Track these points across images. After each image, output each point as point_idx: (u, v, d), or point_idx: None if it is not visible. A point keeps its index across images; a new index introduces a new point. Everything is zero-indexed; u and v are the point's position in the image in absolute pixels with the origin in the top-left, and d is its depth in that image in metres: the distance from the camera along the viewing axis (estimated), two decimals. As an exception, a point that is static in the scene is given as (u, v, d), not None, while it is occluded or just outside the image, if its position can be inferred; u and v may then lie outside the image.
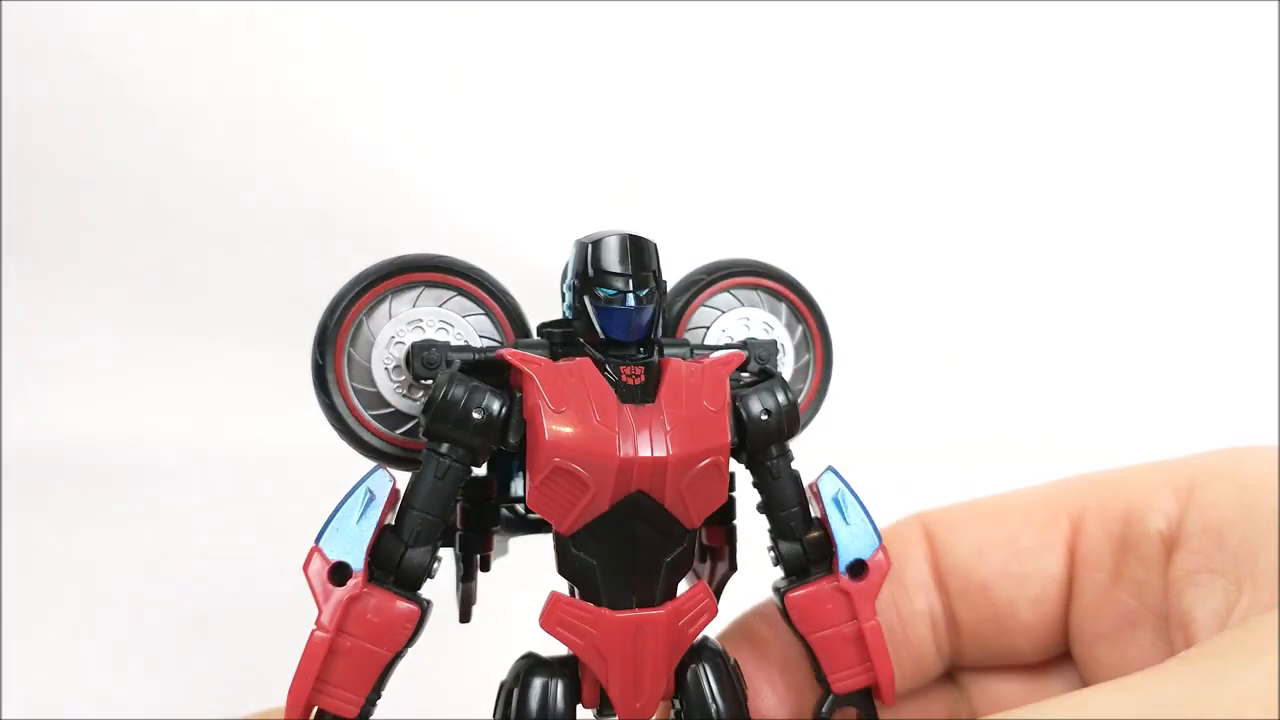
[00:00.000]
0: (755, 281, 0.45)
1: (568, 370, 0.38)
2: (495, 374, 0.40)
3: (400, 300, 0.42)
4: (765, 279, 0.45)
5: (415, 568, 0.38)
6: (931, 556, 0.46)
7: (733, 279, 0.45)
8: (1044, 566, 0.45)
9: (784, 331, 0.45)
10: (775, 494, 0.41)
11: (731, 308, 0.45)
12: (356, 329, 0.41)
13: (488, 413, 0.38)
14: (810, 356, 0.46)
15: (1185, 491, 0.41)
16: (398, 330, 0.42)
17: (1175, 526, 0.41)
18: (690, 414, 0.37)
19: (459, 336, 0.42)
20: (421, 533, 0.38)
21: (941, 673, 0.47)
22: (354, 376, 0.41)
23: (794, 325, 0.45)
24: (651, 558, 0.38)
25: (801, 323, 0.46)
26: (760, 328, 0.45)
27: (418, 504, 0.38)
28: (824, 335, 0.46)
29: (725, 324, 0.45)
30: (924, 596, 0.46)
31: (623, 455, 0.36)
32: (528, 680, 0.39)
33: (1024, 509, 0.46)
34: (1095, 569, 0.44)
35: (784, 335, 0.45)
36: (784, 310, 0.45)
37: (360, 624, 0.37)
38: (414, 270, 0.41)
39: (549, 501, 0.37)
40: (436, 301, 0.42)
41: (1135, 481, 0.44)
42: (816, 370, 0.46)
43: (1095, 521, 0.44)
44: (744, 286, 0.45)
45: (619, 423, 0.37)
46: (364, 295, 0.41)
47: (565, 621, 0.38)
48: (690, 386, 0.38)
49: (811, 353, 0.46)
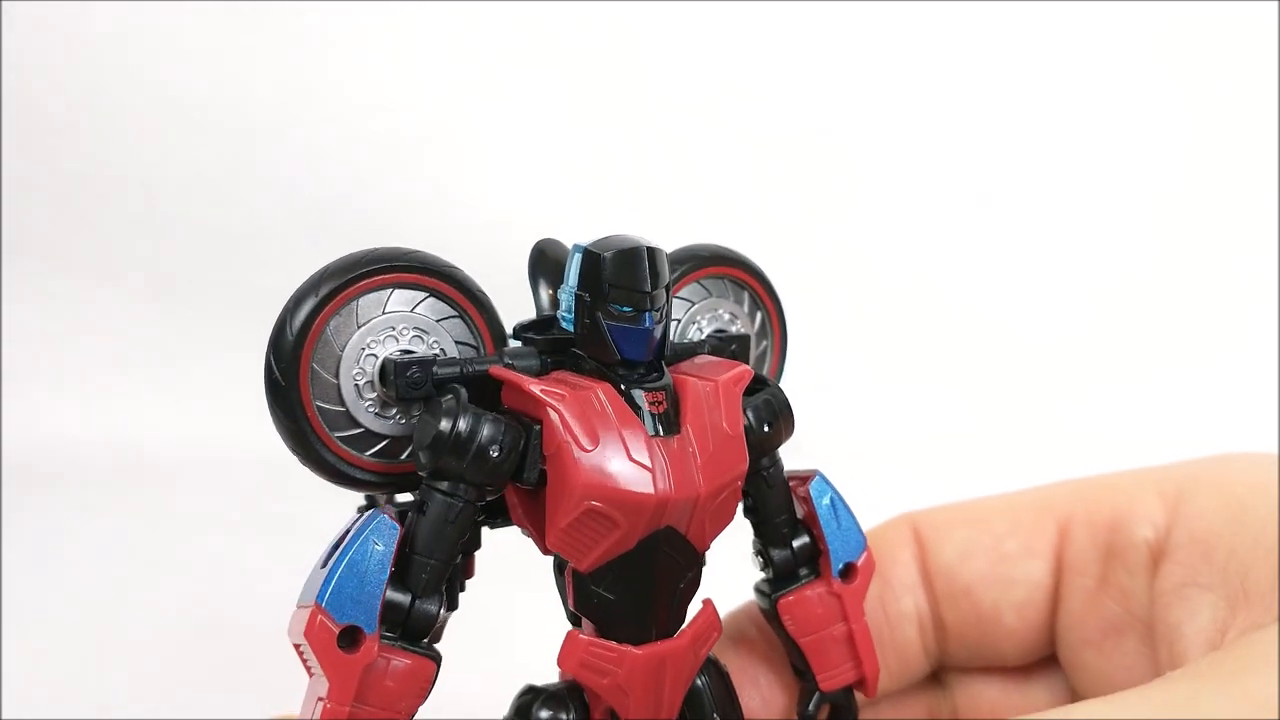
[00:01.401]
0: (721, 270, 0.44)
1: (590, 400, 0.35)
2: (478, 389, 0.36)
3: (367, 303, 0.36)
4: (729, 268, 0.44)
5: (425, 619, 0.35)
6: (920, 558, 0.46)
7: (701, 270, 0.43)
8: (1029, 572, 0.45)
9: (746, 319, 0.45)
10: (768, 502, 0.41)
11: (701, 299, 0.44)
12: (321, 339, 0.36)
13: (505, 449, 0.35)
14: (768, 343, 0.45)
15: (1173, 500, 0.41)
16: (367, 341, 0.37)
17: (1163, 536, 0.41)
18: (716, 443, 0.36)
19: (435, 345, 0.38)
20: (430, 581, 0.35)
21: (928, 673, 0.47)
22: (318, 394, 0.36)
23: (754, 312, 0.45)
24: (669, 588, 0.37)
25: (761, 309, 0.45)
26: (727, 318, 0.44)
27: (422, 549, 0.35)
28: (783, 322, 0.45)
29: (696, 316, 0.43)
30: (911, 598, 0.46)
31: (658, 494, 0.35)
32: (536, 717, 0.38)
33: (1011, 513, 0.46)
34: (1081, 575, 0.44)
35: (746, 324, 0.45)
36: (746, 297, 0.45)
37: (378, 692, 0.34)
38: (382, 269, 0.36)
39: (573, 542, 0.35)
40: (408, 304, 0.37)
41: (1123, 488, 0.43)
42: (774, 357, 0.45)
43: (1082, 528, 0.44)
44: (712, 276, 0.44)
45: (653, 458, 0.35)
46: (330, 300, 0.36)
47: (588, 662, 0.36)
48: (711, 412, 0.37)
49: (770, 339, 0.45)
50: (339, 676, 0.33)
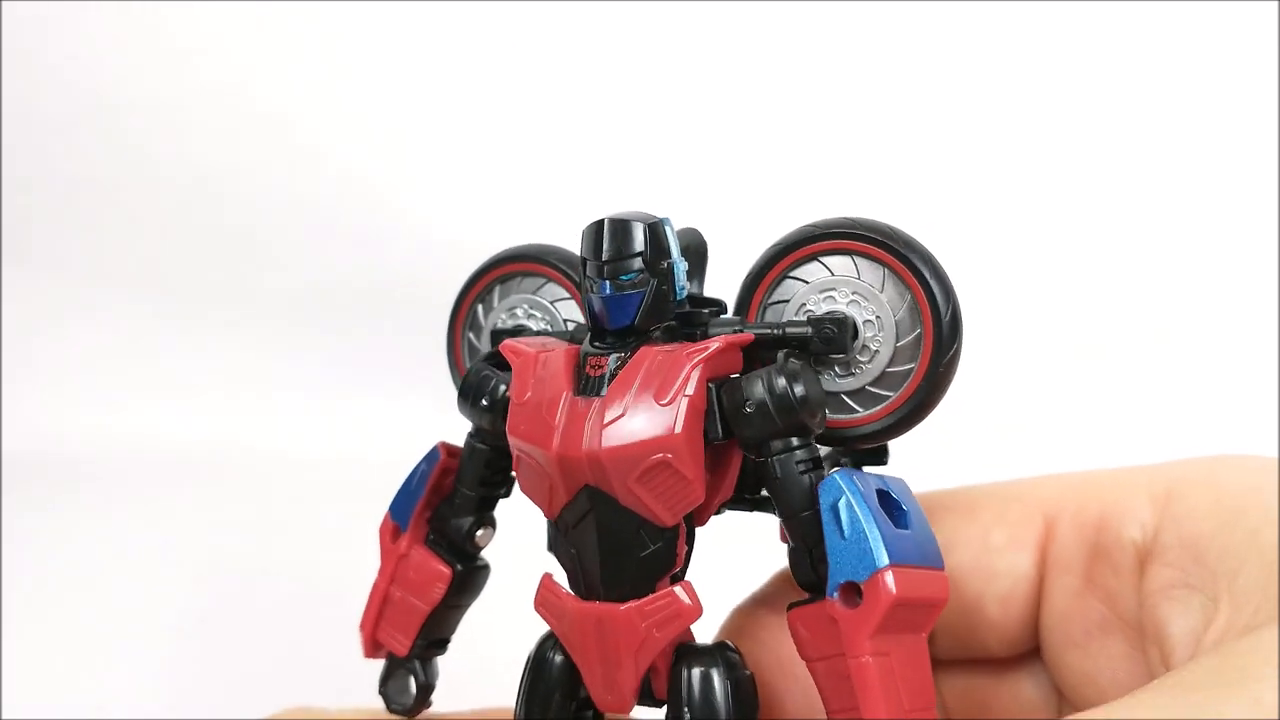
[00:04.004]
0: (847, 245, 0.39)
1: (543, 361, 0.38)
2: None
3: (505, 288, 0.45)
4: (860, 243, 0.38)
5: (455, 534, 0.43)
6: None
7: (818, 244, 0.39)
8: (1013, 565, 0.44)
9: (883, 303, 0.38)
10: (778, 495, 0.37)
11: (819, 278, 0.39)
12: (473, 316, 0.46)
13: (492, 398, 0.40)
14: (921, 329, 0.38)
15: (1163, 500, 0.40)
16: (499, 318, 0.45)
17: (1151, 537, 0.40)
18: (634, 407, 0.36)
19: (545, 321, 0.45)
20: (460, 505, 0.43)
21: None
22: (472, 359, 0.46)
23: (899, 295, 0.38)
24: (619, 553, 0.37)
25: (907, 291, 0.38)
26: (845, 302, 0.39)
27: (459, 480, 0.43)
28: (936, 307, 0.37)
29: (808, 299, 0.39)
30: None
31: (556, 449, 0.36)
32: (540, 650, 0.40)
33: (999, 504, 0.45)
34: (1066, 573, 0.43)
35: (884, 308, 0.38)
36: (884, 277, 0.38)
37: (404, 579, 0.44)
38: (514, 261, 0.45)
39: (527, 486, 0.39)
40: (533, 289, 0.45)
41: (1112, 486, 0.43)
42: (926, 347, 0.38)
43: (1069, 525, 0.43)
44: (835, 252, 0.39)
45: (560, 415, 0.37)
46: (474, 286, 0.46)
47: (544, 599, 0.39)
48: (646, 378, 0.36)
49: (921, 327, 0.38)
50: (383, 559, 0.44)
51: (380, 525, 0.44)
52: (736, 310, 0.41)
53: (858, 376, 0.39)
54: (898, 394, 0.38)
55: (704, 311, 0.40)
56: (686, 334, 0.39)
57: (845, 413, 0.39)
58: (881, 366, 0.39)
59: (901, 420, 0.38)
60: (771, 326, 0.39)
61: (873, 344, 0.39)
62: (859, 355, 0.39)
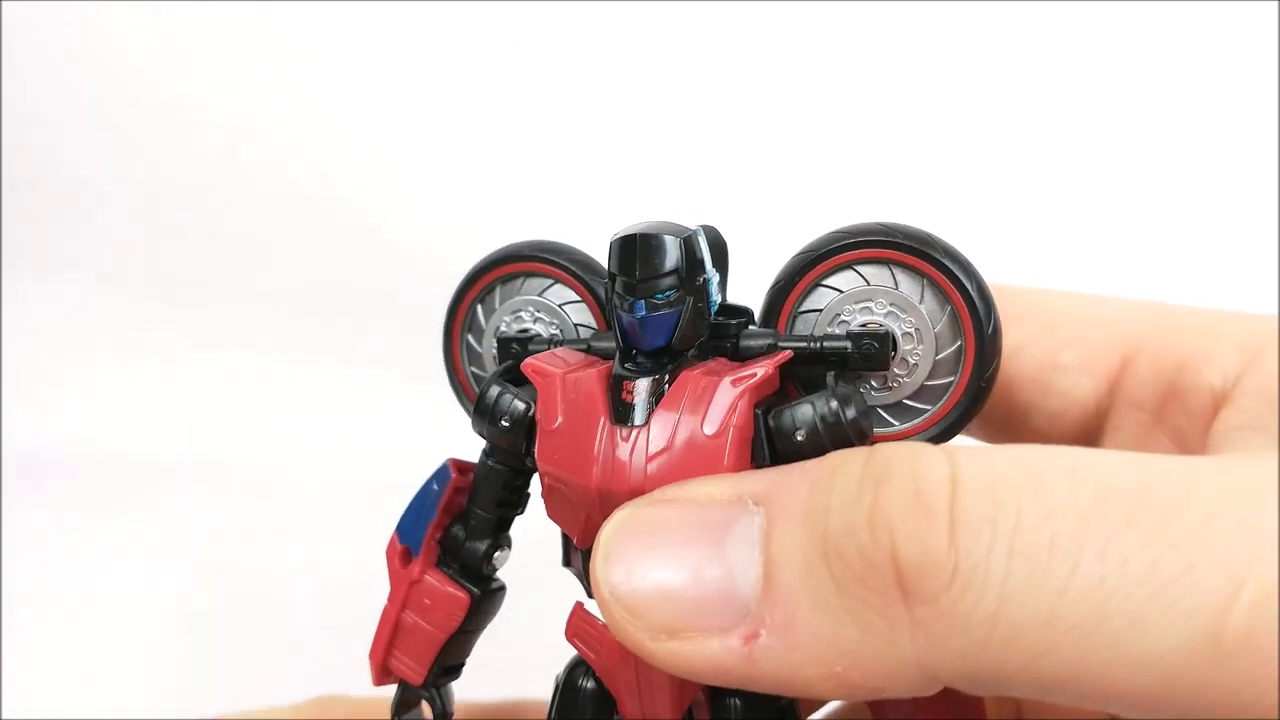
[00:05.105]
0: (884, 254, 0.37)
1: (574, 383, 0.36)
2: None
3: (507, 289, 0.43)
4: (898, 252, 0.36)
5: (471, 558, 0.41)
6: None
7: (853, 252, 0.37)
8: (1074, 386, 0.42)
9: (923, 316, 0.37)
10: None
11: (854, 288, 0.37)
12: (471, 317, 0.43)
13: (514, 420, 0.38)
14: (962, 342, 0.36)
15: (1252, 353, 0.38)
16: (502, 320, 0.43)
17: (1231, 384, 0.38)
18: (681, 440, 0.34)
19: (555, 326, 0.42)
20: (476, 527, 0.41)
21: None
22: (471, 362, 0.44)
23: (939, 306, 0.37)
24: None
25: (948, 303, 0.36)
26: (882, 314, 0.37)
27: (473, 501, 0.41)
28: (978, 318, 0.36)
29: (843, 309, 0.37)
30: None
31: (597, 482, 0.34)
32: (571, 677, 0.39)
33: (1080, 325, 0.43)
34: (1137, 409, 0.41)
35: (923, 320, 0.37)
36: (924, 288, 0.37)
37: (417, 605, 0.41)
38: (516, 260, 0.42)
39: (558, 514, 0.36)
40: (538, 290, 0.42)
41: (1202, 330, 0.41)
42: (968, 361, 0.36)
43: (1149, 361, 0.41)
44: (870, 260, 0.37)
45: (600, 446, 0.34)
46: (473, 285, 0.43)
47: (579, 631, 0.37)
48: (690, 406, 0.34)
49: (963, 339, 0.36)
50: (393, 584, 0.42)
51: (387, 548, 0.42)
52: (764, 318, 0.39)
53: (895, 390, 0.38)
54: (937, 408, 0.37)
55: (733, 323, 0.37)
56: (716, 346, 0.37)
57: (882, 426, 0.38)
58: (920, 380, 0.37)
59: (941, 434, 0.38)
60: (808, 340, 0.37)
61: (911, 357, 0.37)
62: (897, 369, 0.37)
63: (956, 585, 0.27)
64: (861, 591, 0.29)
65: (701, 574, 0.31)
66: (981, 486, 0.28)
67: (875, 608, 0.29)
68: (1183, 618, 0.26)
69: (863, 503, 0.29)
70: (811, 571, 0.30)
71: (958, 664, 0.28)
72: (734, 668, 0.30)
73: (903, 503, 0.28)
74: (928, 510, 0.28)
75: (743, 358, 0.37)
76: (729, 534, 0.31)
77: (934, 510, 0.28)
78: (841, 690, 0.30)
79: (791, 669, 0.30)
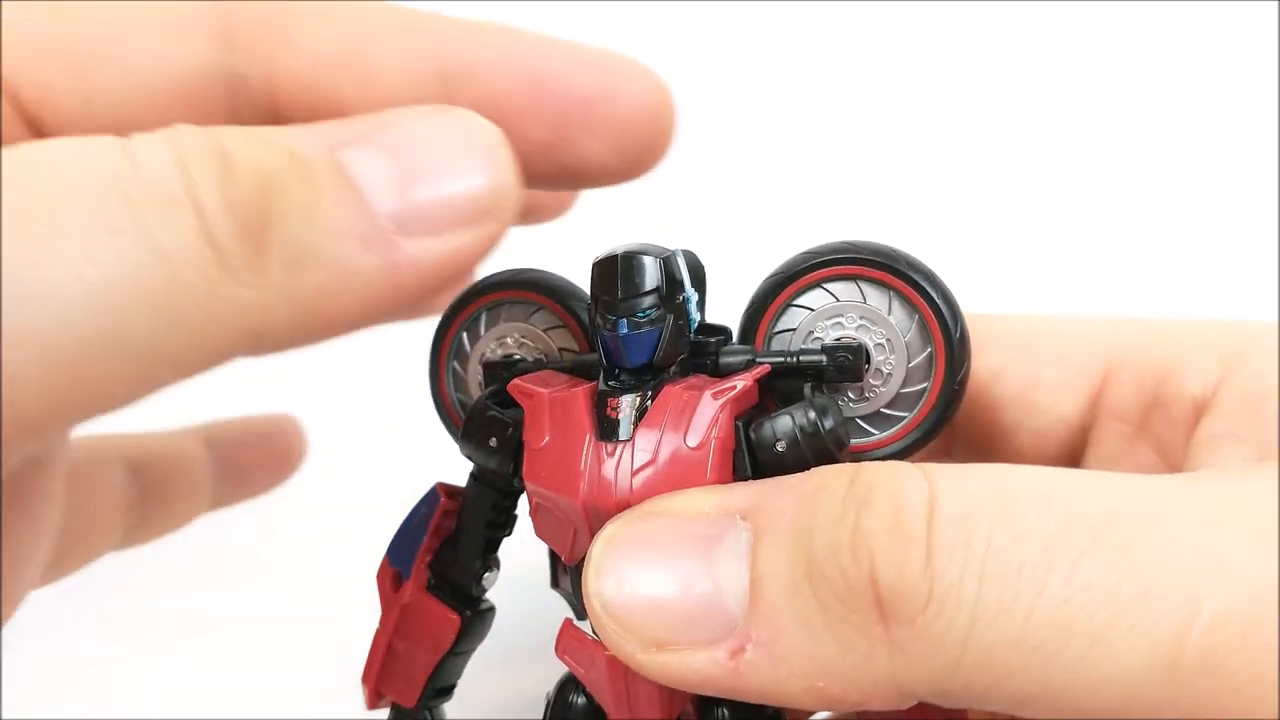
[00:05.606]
0: (850, 271, 0.39)
1: (560, 402, 0.37)
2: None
3: (492, 315, 0.43)
4: (863, 267, 0.38)
5: (461, 579, 0.41)
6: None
7: (820, 270, 0.39)
8: (1056, 403, 0.43)
9: (892, 326, 0.39)
10: None
11: (825, 305, 0.39)
12: (457, 344, 0.43)
13: (500, 441, 0.38)
14: (932, 348, 0.39)
15: (1230, 359, 0.39)
16: (488, 347, 0.43)
17: (1211, 392, 0.39)
18: (665, 453, 0.35)
19: (539, 351, 0.42)
20: (466, 549, 0.41)
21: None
22: (457, 388, 0.43)
23: (907, 316, 0.39)
24: None
25: (915, 312, 0.38)
26: (853, 328, 0.39)
27: (462, 523, 0.41)
28: (946, 326, 0.38)
29: (815, 324, 0.39)
30: None
31: (584, 497, 0.35)
32: (562, 694, 0.40)
33: (1060, 342, 0.44)
34: (1120, 421, 0.42)
35: (893, 330, 0.39)
36: (890, 300, 0.39)
37: (408, 630, 0.42)
38: (501, 288, 0.42)
39: (546, 532, 0.37)
40: (523, 316, 0.43)
41: (1182, 338, 0.41)
42: (939, 367, 0.38)
43: (1130, 374, 0.42)
44: (838, 278, 0.39)
45: (586, 462, 0.35)
46: (459, 313, 0.43)
47: (569, 647, 0.37)
48: (673, 420, 0.35)
49: (933, 345, 0.39)
50: (385, 608, 0.42)
51: (378, 571, 0.42)
52: (741, 339, 0.40)
53: (872, 400, 0.39)
54: (914, 413, 0.39)
55: (711, 340, 0.39)
56: (696, 363, 0.38)
57: (862, 436, 0.39)
58: (895, 388, 0.39)
59: (919, 439, 0.39)
60: (785, 355, 0.38)
61: (885, 366, 0.39)
62: (872, 379, 0.39)
63: (931, 608, 0.29)
64: (843, 611, 0.30)
65: (690, 588, 0.32)
66: (957, 511, 0.29)
67: (855, 627, 0.30)
68: (1143, 639, 0.27)
69: (845, 524, 0.30)
70: (796, 590, 0.31)
71: (932, 682, 0.29)
72: (721, 680, 0.31)
73: (883, 526, 0.30)
74: (905, 535, 0.29)
75: (723, 374, 0.38)
76: (717, 548, 0.32)
77: (911, 536, 0.29)
78: (823, 703, 0.31)
79: (776, 683, 0.31)
